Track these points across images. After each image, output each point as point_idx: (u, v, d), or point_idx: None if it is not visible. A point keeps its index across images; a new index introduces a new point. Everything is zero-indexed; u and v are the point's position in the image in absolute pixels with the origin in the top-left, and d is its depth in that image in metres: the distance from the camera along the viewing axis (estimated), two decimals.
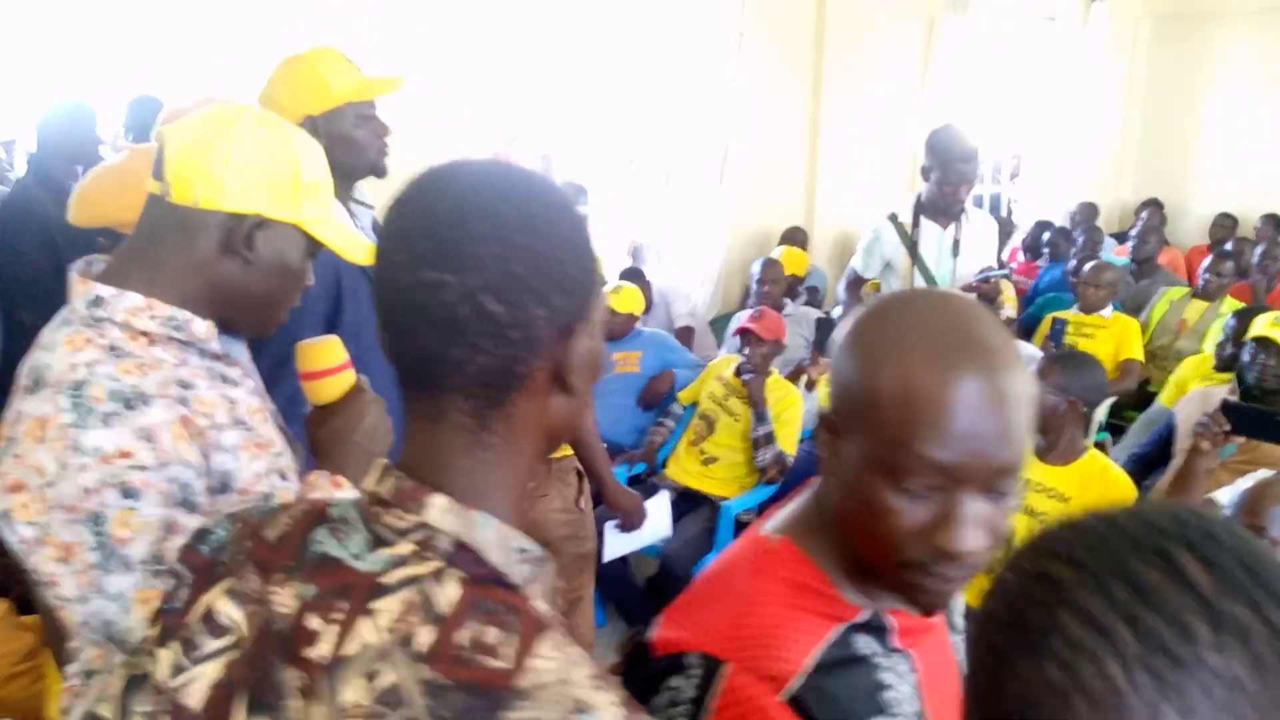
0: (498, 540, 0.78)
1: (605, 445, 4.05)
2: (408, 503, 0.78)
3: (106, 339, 1.19)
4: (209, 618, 0.82)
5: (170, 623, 0.84)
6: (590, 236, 0.85)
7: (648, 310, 5.01)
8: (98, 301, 1.21)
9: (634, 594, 3.83)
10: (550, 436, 0.86)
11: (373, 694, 0.72)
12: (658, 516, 3.11)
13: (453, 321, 0.77)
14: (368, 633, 0.74)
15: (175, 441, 1.16)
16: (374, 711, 0.72)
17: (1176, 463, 3.23)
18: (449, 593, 0.74)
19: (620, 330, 4.34)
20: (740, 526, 3.89)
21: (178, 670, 0.82)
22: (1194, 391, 3.79)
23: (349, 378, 1.43)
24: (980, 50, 7.31)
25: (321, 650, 0.75)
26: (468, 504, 0.78)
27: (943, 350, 0.88)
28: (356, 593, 0.76)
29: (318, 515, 0.83)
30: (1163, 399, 4.18)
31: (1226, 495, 2.49)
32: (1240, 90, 8.09)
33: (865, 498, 0.91)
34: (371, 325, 0.84)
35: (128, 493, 1.13)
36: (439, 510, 0.77)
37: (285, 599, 0.79)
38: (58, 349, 1.18)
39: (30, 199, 3.47)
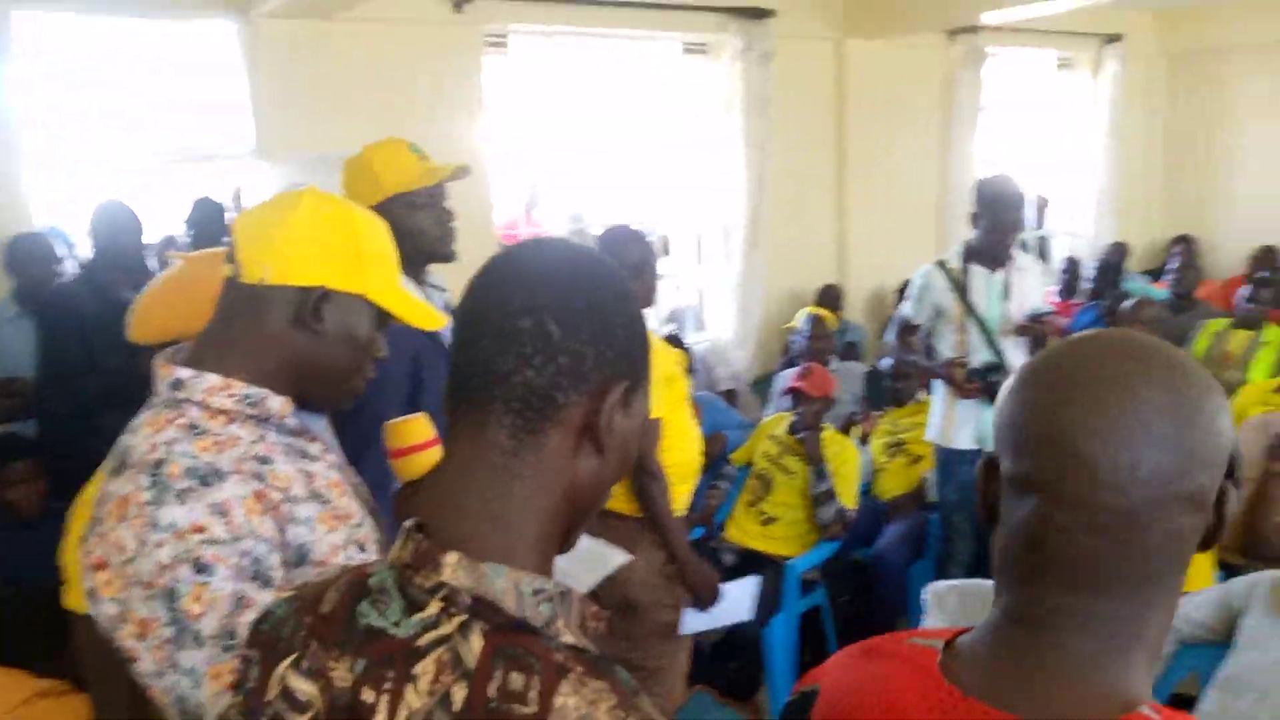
0: (511, 588, 0.80)
1: None
2: (428, 564, 0.81)
3: (186, 418, 1.23)
4: (288, 694, 0.85)
5: (253, 704, 0.88)
6: (644, 326, 0.91)
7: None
8: (177, 384, 1.25)
9: (699, 658, 3.81)
10: (575, 496, 0.87)
11: None
12: (741, 598, 3.06)
13: (513, 331, 0.83)
14: (412, 698, 0.78)
15: (248, 515, 1.18)
16: None
17: (1245, 491, 3.21)
18: (474, 646, 0.77)
19: None
20: (805, 585, 3.88)
21: None
22: (1251, 419, 3.77)
23: (436, 454, 1.42)
24: (999, 100, 7.42)
25: None
26: (478, 556, 0.81)
27: None
28: (399, 661, 0.80)
29: (360, 587, 0.86)
30: None
31: None
32: (1261, 122, 8.13)
33: None
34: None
35: (200, 568, 1.14)
36: (450, 568, 0.80)
37: (341, 673, 0.83)
38: (140, 430, 1.23)
39: (75, 298, 3.64)
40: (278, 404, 1.28)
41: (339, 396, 1.38)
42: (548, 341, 0.83)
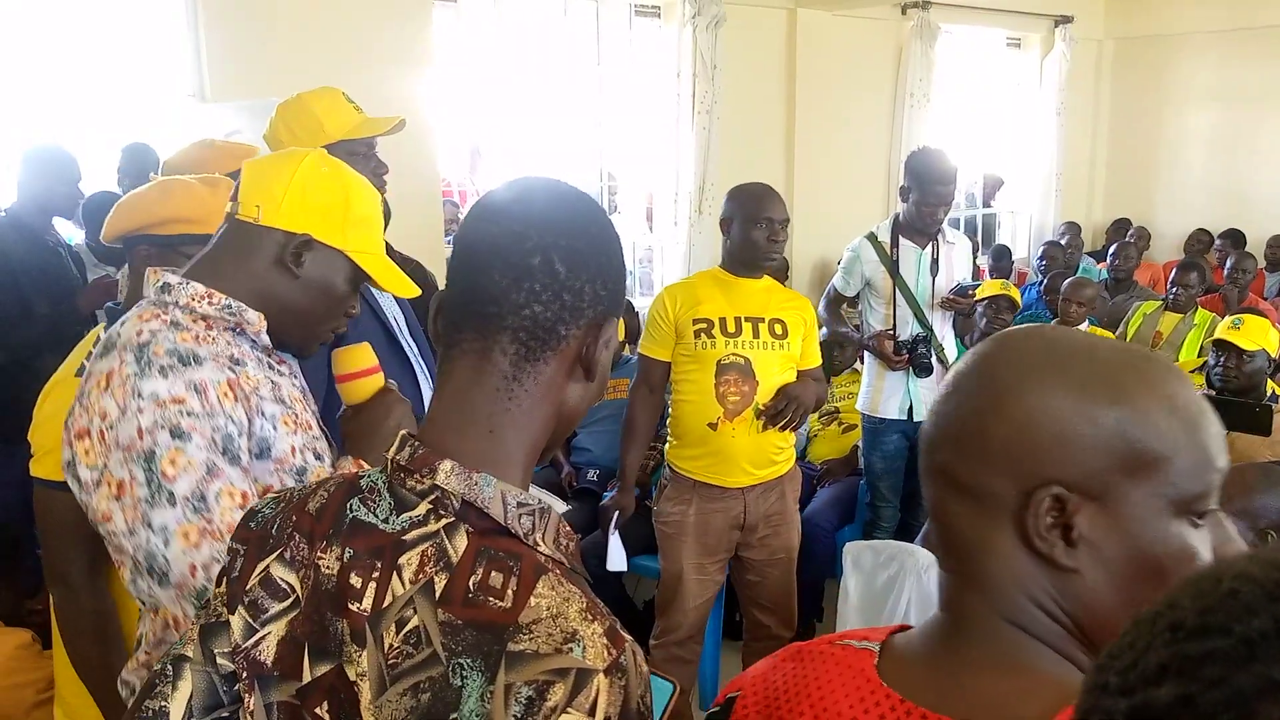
0: (499, 497, 0.88)
1: (598, 471, 4.12)
2: (422, 468, 0.89)
3: (170, 316, 1.35)
4: (268, 582, 0.95)
5: (234, 591, 0.97)
6: (624, 267, 0.99)
7: (635, 339, 5.07)
8: (165, 287, 1.37)
9: (632, 616, 3.87)
10: (560, 418, 0.96)
11: (402, 637, 0.85)
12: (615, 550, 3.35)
13: (526, 267, 0.89)
14: (397, 586, 0.87)
15: (221, 399, 1.31)
16: (404, 651, 0.84)
17: None
18: (458, 544, 0.86)
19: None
20: None
21: (249, 632, 0.95)
22: None
23: (379, 380, 1.55)
24: (950, 76, 7.47)
25: (364, 604, 0.88)
26: (472, 468, 0.88)
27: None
28: (387, 553, 0.88)
29: (350, 487, 0.95)
30: None
31: None
32: (1203, 108, 8.29)
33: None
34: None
35: (177, 434, 1.27)
36: (444, 474, 0.88)
37: (329, 561, 0.92)
38: (129, 321, 1.35)
39: (3, 243, 3.57)
40: (254, 316, 1.39)
41: (307, 341, 1.49)
42: (555, 279, 0.90)
